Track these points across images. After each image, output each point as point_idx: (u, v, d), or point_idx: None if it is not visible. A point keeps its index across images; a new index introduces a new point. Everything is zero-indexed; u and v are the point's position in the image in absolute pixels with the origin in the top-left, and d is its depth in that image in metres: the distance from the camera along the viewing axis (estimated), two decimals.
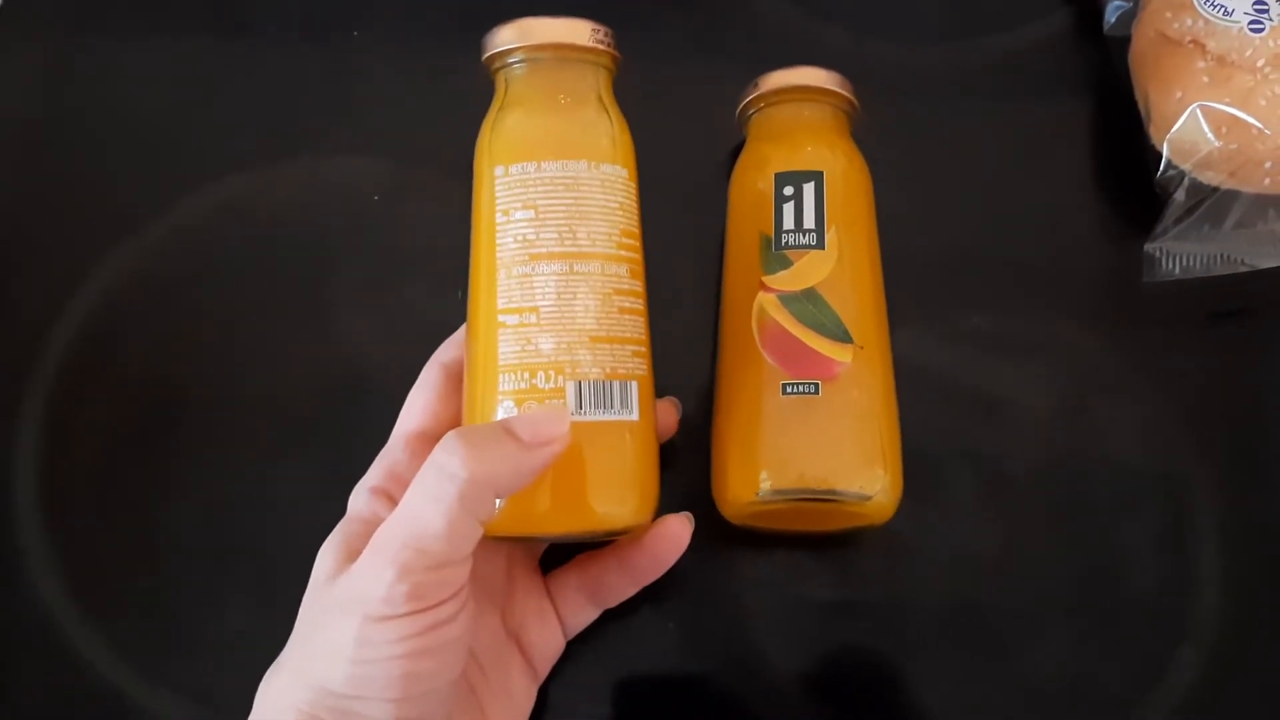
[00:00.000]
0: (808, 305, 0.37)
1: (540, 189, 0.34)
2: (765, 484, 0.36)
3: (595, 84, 0.36)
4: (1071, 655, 0.40)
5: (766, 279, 0.37)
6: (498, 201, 0.35)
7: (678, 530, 0.36)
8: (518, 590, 0.38)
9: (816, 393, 0.36)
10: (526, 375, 0.33)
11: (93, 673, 0.40)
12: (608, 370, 0.34)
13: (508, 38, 0.36)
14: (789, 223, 0.38)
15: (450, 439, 0.31)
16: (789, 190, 0.38)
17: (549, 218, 0.34)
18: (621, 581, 0.38)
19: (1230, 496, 0.41)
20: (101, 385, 0.44)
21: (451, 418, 0.37)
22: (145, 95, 0.48)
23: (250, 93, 0.48)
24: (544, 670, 0.38)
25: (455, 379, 0.37)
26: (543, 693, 0.38)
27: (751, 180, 0.40)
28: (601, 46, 0.36)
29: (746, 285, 0.38)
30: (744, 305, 0.38)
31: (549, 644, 0.38)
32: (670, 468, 0.37)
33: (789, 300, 0.37)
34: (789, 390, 0.36)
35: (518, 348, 0.34)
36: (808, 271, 0.37)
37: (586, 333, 0.34)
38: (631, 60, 0.48)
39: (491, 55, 0.36)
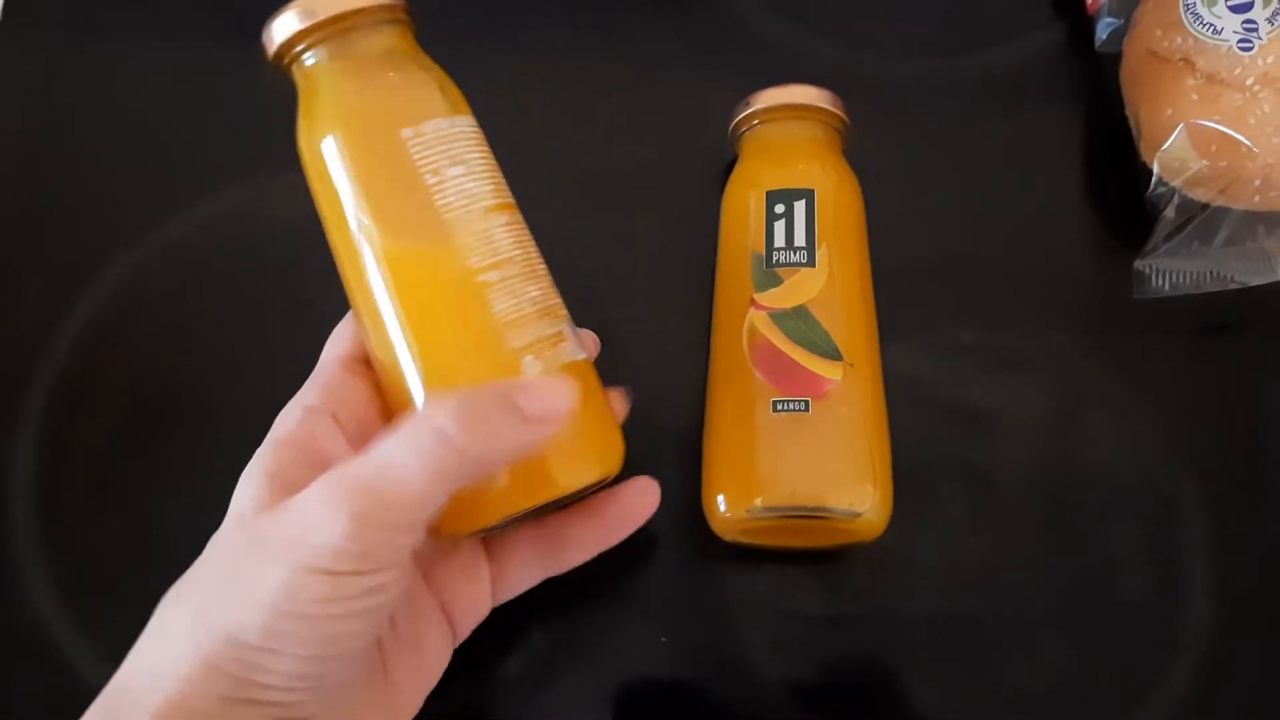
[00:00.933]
0: (798, 323, 0.37)
1: (460, 144, 0.33)
2: (756, 501, 0.36)
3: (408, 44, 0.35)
4: (1062, 666, 0.40)
5: (757, 296, 0.38)
6: (418, 163, 0.32)
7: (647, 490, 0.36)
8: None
9: (807, 410, 0.36)
10: (531, 326, 0.32)
11: (86, 679, 0.40)
12: (565, 311, 0.34)
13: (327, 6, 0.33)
14: (780, 240, 0.38)
15: (452, 404, 0.28)
16: (780, 208, 0.38)
17: (477, 171, 0.33)
18: (586, 534, 0.36)
19: (1219, 508, 0.42)
20: (98, 393, 0.44)
21: None
22: (144, 106, 0.49)
23: (249, 103, 0.49)
24: (464, 631, 0.36)
25: None
26: (538, 704, 0.39)
27: (743, 198, 0.40)
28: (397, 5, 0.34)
29: (738, 302, 0.38)
30: (735, 322, 0.38)
31: (474, 603, 0.36)
32: (661, 483, 0.37)
33: (780, 318, 0.37)
34: (779, 408, 0.36)
35: (513, 300, 0.32)
36: (798, 289, 0.37)
37: (544, 276, 0.34)
38: (627, 76, 0.48)
39: (331, 19, 0.33)
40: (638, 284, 0.44)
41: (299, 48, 0.34)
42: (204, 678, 0.28)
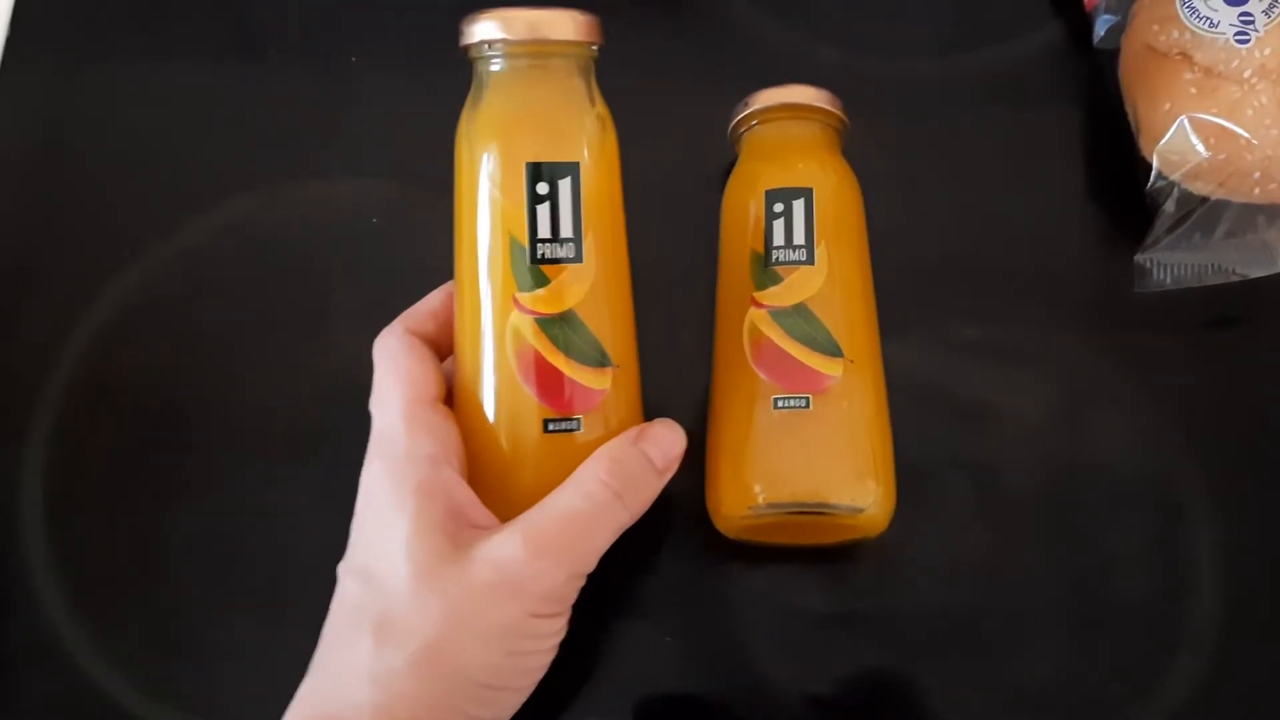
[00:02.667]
0: (798, 320, 0.37)
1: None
2: (758, 497, 0.36)
3: None
4: (1068, 663, 0.40)
5: (758, 295, 0.38)
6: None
7: None
8: None
9: (807, 406, 0.36)
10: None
11: (98, 689, 0.40)
12: None
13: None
14: (779, 239, 0.38)
15: (608, 464, 0.33)
16: (779, 207, 0.38)
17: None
18: None
19: (1224, 503, 0.42)
20: (107, 404, 0.44)
21: None
22: (149, 121, 0.49)
23: (252, 117, 0.49)
24: None
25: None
26: (542, 705, 0.39)
27: (743, 197, 0.40)
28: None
29: (739, 301, 0.39)
30: (736, 320, 0.38)
31: None
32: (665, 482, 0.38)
33: (780, 315, 0.37)
34: (780, 404, 0.36)
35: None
36: (798, 287, 0.37)
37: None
38: (627, 80, 0.48)
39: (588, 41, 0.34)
40: (641, 285, 0.44)
41: (488, 52, 0.34)
42: (434, 716, 0.31)
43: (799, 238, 0.38)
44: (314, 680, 0.33)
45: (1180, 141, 0.41)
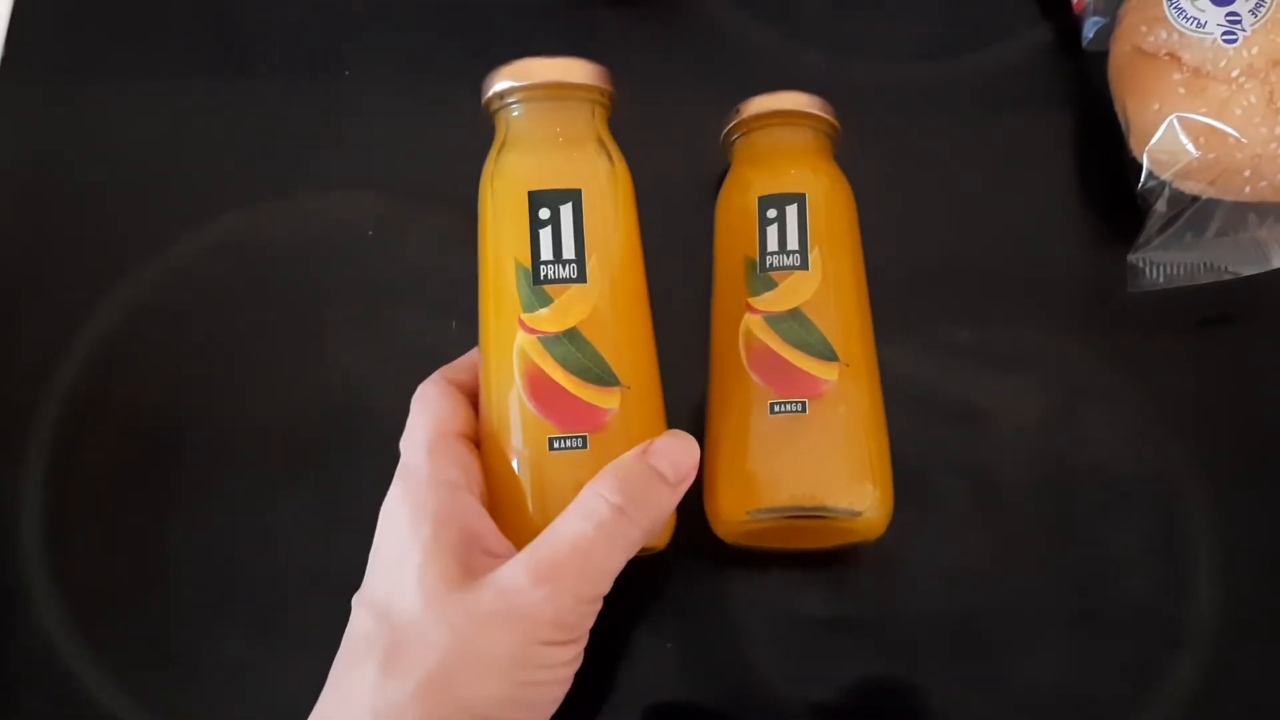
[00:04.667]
0: (793, 325, 0.37)
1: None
2: (756, 502, 0.36)
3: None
4: (1067, 664, 0.40)
5: (752, 300, 0.38)
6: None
7: None
8: None
9: (803, 411, 0.36)
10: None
11: (95, 704, 0.40)
12: None
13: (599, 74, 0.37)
14: (773, 244, 0.38)
15: (613, 481, 0.32)
16: (772, 213, 0.39)
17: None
18: None
19: (1221, 502, 0.42)
20: (103, 420, 0.44)
21: None
22: (143, 137, 0.49)
23: (245, 132, 0.49)
24: None
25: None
26: None
27: (736, 204, 0.40)
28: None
29: (734, 307, 0.39)
30: (732, 327, 0.38)
31: None
32: None
33: (775, 321, 0.37)
34: (776, 409, 0.36)
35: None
36: (792, 292, 0.38)
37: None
38: (622, 90, 0.48)
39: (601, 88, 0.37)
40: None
41: (501, 101, 0.37)
42: None
43: (792, 243, 0.38)
44: (318, 715, 0.32)
45: (1170, 141, 0.41)
